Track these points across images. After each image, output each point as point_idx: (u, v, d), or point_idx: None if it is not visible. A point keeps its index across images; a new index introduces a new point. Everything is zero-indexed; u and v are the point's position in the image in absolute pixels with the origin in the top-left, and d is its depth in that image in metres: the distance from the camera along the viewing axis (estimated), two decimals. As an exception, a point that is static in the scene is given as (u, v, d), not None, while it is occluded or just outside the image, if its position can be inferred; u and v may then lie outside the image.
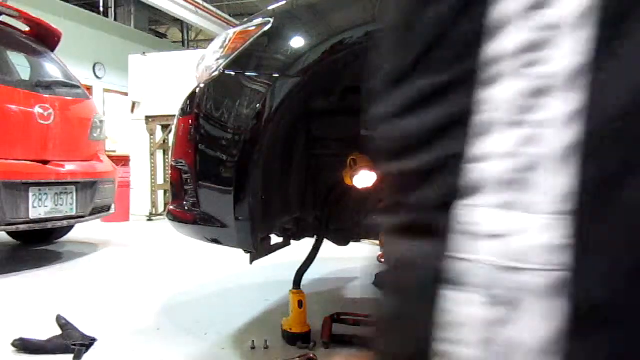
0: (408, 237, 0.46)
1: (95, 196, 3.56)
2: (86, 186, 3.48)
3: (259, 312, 2.20)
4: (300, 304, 1.77)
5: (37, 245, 4.09)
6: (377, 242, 1.51)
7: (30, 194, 3.07)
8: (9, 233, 4.16)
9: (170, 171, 1.85)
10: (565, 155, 0.35)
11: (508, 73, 0.38)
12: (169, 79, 5.90)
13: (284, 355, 1.67)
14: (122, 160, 5.89)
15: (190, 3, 11.09)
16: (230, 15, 13.07)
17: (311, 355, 1.65)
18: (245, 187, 1.51)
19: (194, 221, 1.67)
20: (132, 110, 6.40)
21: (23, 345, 1.75)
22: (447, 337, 0.39)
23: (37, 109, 3.21)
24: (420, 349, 0.42)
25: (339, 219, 1.89)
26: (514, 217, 0.36)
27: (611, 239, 0.34)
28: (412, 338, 0.45)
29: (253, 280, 2.80)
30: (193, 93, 1.70)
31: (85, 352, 1.71)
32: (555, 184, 0.35)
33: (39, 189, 3.12)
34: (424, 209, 0.44)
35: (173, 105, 3.03)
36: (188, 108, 1.70)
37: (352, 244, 1.99)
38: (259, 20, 1.59)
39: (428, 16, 0.44)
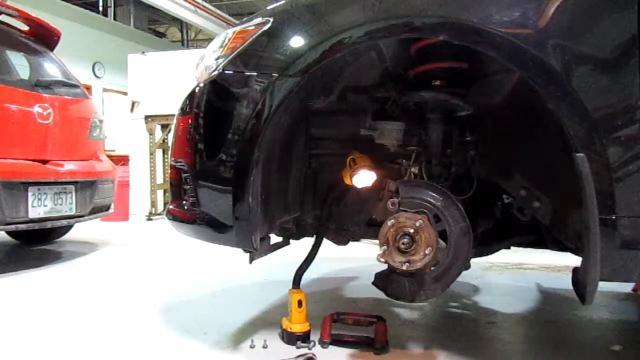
0: None
1: (95, 196, 3.55)
2: (85, 186, 3.47)
3: (259, 311, 2.20)
4: (300, 303, 1.76)
5: (37, 245, 4.09)
6: (377, 242, 1.51)
7: (30, 194, 3.06)
8: (8, 233, 4.16)
9: (169, 171, 1.85)
10: None
11: None
12: (169, 78, 5.89)
13: (283, 354, 1.67)
14: (122, 160, 5.89)
15: (189, 2, 11.08)
16: (229, 14, 13.07)
17: (310, 355, 1.65)
18: (245, 187, 1.51)
19: (193, 221, 1.67)
20: (132, 110, 6.40)
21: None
22: None
23: (37, 109, 3.21)
24: None
25: (338, 219, 1.89)
26: None
27: None
28: None
29: (252, 280, 2.80)
30: (192, 93, 1.70)
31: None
32: None
33: (38, 189, 3.11)
34: None
35: (172, 104, 3.03)
36: (187, 108, 1.70)
37: (352, 244, 1.99)
38: (258, 20, 1.59)
39: None
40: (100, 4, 12.81)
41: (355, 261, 3.25)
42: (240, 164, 1.51)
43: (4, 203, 2.89)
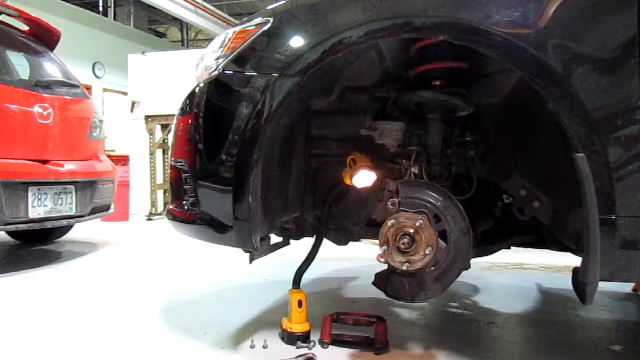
0: None
1: (95, 196, 3.55)
2: (85, 186, 3.47)
3: (259, 311, 2.20)
4: (300, 303, 1.76)
5: (37, 245, 4.09)
6: (377, 242, 1.51)
7: (30, 194, 3.06)
8: (9, 233, 4.16)
9: (169, 171, 1.85)
10: None
11: None
12: (169, 78, 5.89)
13: (283, 355, 1.67)
14: (122, 160, 5.89)
15: (189, 2, 11.08)
16: (229, 14, 13.06)
17: (310, 355, 1.65)
18: (245, 187, 1.51)
19: (193, 221, 1.67)
20: (132, 110, 6.40)
21: None
22: None
23: (37, 109, 3.21)
24: None
25: (338, 219, 1.89)
26: None
27: None
28: None
29: (252, 280, 2.80)
30: (192, 93, 1.70)
31: None
32: None
33: (38, 189, 3.11)
34: None
35: (172, 104, 3.03)
36: (187, 108, 1.70)
37: (352, 244, 1.99)
38: (258, 20, 1.59)
39: None
40: (100, 4, 12.80)
41: (355, 261, 3.25)
42: (240, 164, 1.51)
43: (4, 203, 2.89)
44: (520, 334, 2.01)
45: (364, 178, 1.67)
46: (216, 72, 1.60)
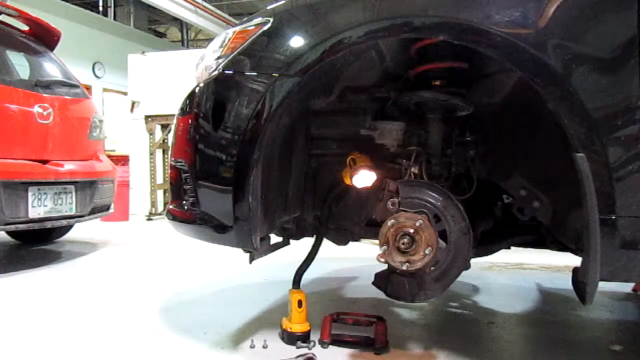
0: None
1: (95, 196, 3.55)
2: (85, 186, 3.48)
3: (258, 311, 2.20)
4: (300, 303, 1.76)
5: (37, 245, 4.09)
6: (377, 242, 1.52)
7: (30, 194, 3.06)
8: (8, 233, 4.16)
9: (169, 171, 1.85)
10: None
11: None
12: (169, 78, 5.89)
13: (283, 355, 1.67)
14: (122, 160, 5.89)
15: (189, 2, 11.08)
16: (229, 14, 13.06)
17: (310, 355, 1.65)
18: (245, 187, 1.51)
19: (193, 221, 1.67)
20: (132, 110, 6.40)
21: None
22: None
23: (37, 109, 3.21)
24: None
25: (338, 219, 1.89)
26: None
27: None
28: None
29: (252, 280, 2.80)
30: (192, 93, 1.70)
31: None
32: None
33: (38, 189, 3.11)
34: None
35: (172, 104, 3.03)
36: (187, 108, 1.70)
37: (352, 244, 1.99)
38: (258, 20, 1.59)
39: None
40: (100, 4, 12.80)
41: (355, 261, 3.25)
42: (241, 164, 1.51)
43: (4, 203, 2.89)
44: (520, 334, 2.01)
45: (364, 178, 1.67)
46: (216, 72, 1.60)
